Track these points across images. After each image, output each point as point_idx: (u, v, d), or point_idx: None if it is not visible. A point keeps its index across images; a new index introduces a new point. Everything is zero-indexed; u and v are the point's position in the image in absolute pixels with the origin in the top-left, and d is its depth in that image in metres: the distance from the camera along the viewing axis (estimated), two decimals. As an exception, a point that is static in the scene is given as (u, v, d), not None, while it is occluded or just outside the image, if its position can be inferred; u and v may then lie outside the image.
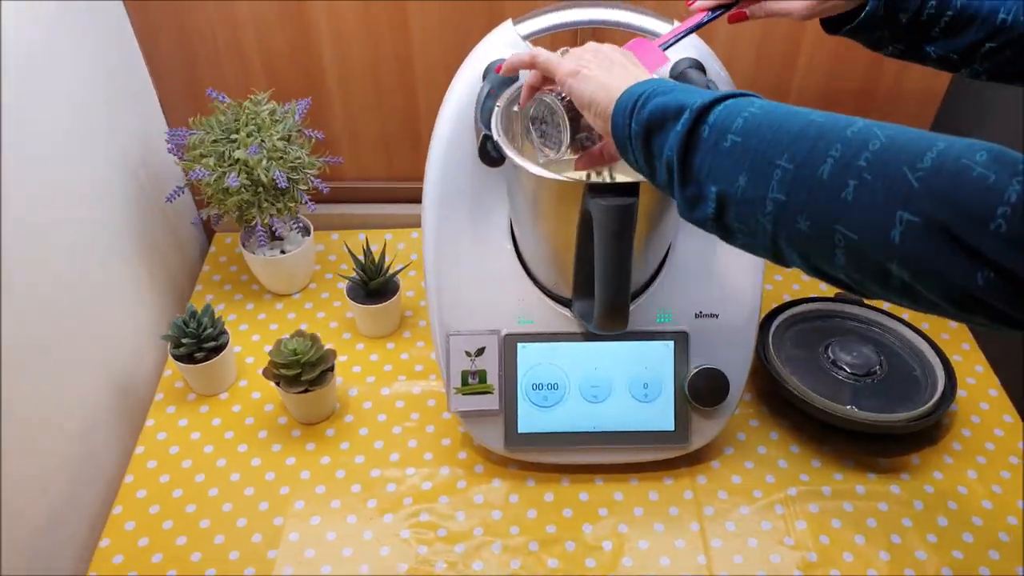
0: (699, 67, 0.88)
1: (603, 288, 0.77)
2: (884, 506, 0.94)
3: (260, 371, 1.03)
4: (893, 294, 0.48)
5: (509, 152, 0.78)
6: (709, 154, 0.55)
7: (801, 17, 0.73)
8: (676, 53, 0.89)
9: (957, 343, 1.12)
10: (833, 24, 0.75)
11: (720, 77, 0.89)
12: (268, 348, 1.10)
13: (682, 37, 0.76)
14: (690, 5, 0.77)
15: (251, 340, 1.13)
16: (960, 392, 1.03)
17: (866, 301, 1.13)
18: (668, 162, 0.58)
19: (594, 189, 0.75)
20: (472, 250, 0.93)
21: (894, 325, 1.07)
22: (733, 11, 0.76)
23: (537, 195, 0.82)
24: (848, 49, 1.12)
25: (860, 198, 0.46)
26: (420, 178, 0.92)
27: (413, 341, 1.12)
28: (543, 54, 0.72)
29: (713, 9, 0.76)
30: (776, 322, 1.07)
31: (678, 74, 0.87)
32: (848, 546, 0.90)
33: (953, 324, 1.14)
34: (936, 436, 1.00)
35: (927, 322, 1.14)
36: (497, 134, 0.80)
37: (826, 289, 1.18)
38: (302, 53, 1.12)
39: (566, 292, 0.92)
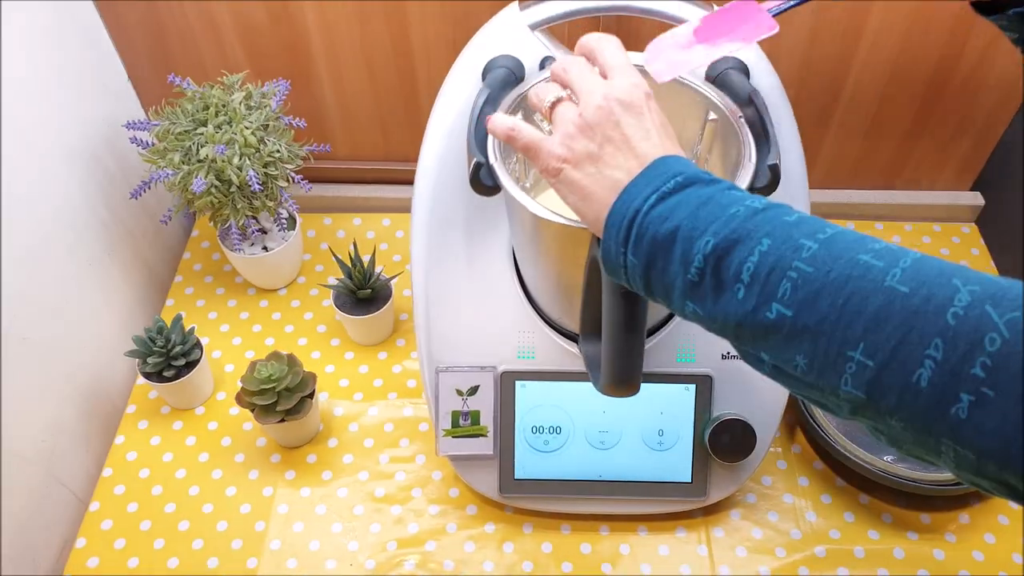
0: (743, 69, 0.74)
1: (611, 354, 0.65)
2: (925, 574, 0.83)
3: (239, 387, 0.94)
4: (1016, 500, 0.36)
5: (506, 183, 0.65)
6: (748, 321, 0.42)
7: None
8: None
9: (1021, 372, 0.98)
10: (988, 5, 0.57)
11: (767, 79, 0.75)
12: (250, 354, 1.02)
13: (801, 2, 0.60)
14: None
15: (232, 344, 1.03)
16: (1021, 435, 0.90)
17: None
18: (687, 314, 0.47)
19: (603, 238, 0.62)
20: (467, 274, 0.81)
21: (950, 353, 0.94)
22: None
23: (538, 233, 0.69)
24: (924, 27, 0.96)
25: (980, 419, 0.34)
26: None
27: (407, 350, 1.02)
28: (524, 135, 0.56)
29: None
30: (815, 347, 0.95)
31: (716, 75, 0.73)
32: (881, 620, 0.80)
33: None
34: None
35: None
36: (494, 156, 0.67)
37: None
38: (284, 27, 0.98)
39: (573, 327, 0.80)
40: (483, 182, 0.67)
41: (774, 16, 0.60)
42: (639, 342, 0.66)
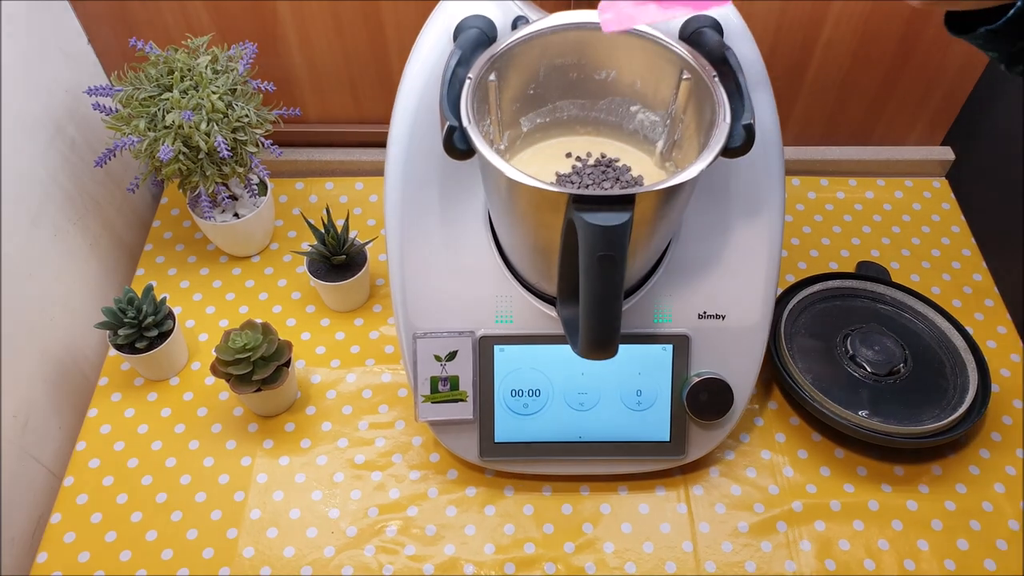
0: (716, 27, 0.73)
1: (588, 318, 0.65)
2: (899, 525, 0.85)
3: (213, 356, 0.92)
4: None
5: (481, 147, 0.64)
6: None
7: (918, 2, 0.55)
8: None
9: (992, 325, 1.00)
10: (960, 24, 0.56)
11: (741, 37, 0.74)
12: (224, 322, 1.00)
13: None
14: None
15: (205, 312, 1.01)
16: (992, 386, 0.91)
17: (892, 279, 1.00)
18: None
19: (579, 201, 0.62)
20: (443, 239, 0.80)
21: (922, 308, 0.95)
22: None
23: (514, 197, 0.68)
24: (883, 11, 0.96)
25: None
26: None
27: (384, 315, 1.01)
28: None
29: None
30: (791, 304, 0.95)
31: (690, 34, 0.72)
32: (857, 571, 0.82)
33: (989, 303, 1.02)
34: (962, 441, 0.90)
35: (959, 299, 1.02)
36: (467, 119, 0.65)
37: (848, 256, 1.06)
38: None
39: (551, 290, 0.80)
40: (457, 146, 0.65)
41: None
42: (616, 306, 0.66)
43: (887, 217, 1.11)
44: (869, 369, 0.89)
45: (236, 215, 1.01)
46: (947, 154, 1.15)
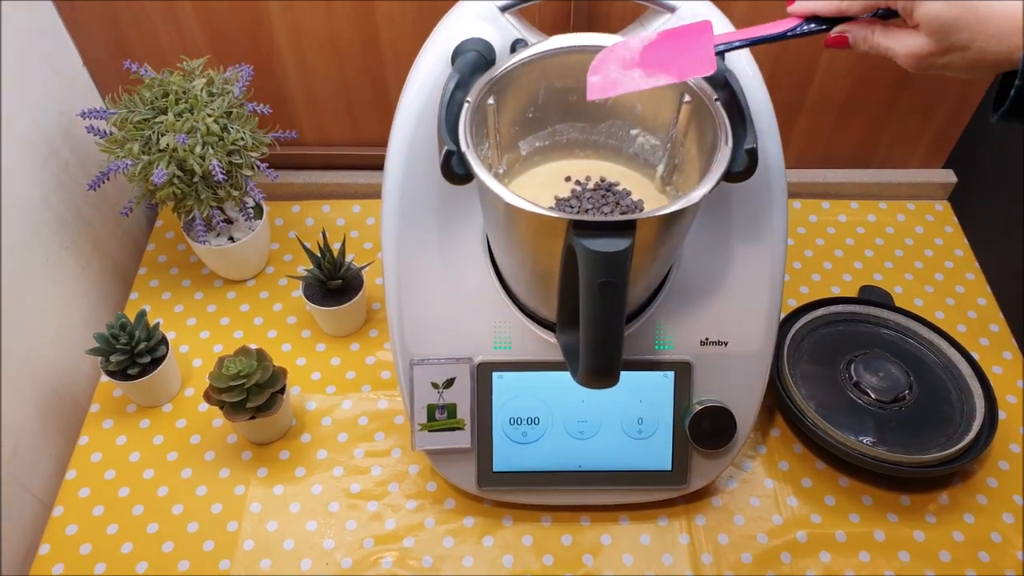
0: (717, 50, 0.72)
1: (589, 346, 0.64)
2: (906, 556, 0.83)
3: (207, 382, 0.91)
4: None
5: (479, 171, 0.63)
6: None
7: (906, 64, 0.55)
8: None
9: (997, 350, 0.98)
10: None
11: (742, 59, 0.73)
12: (218, 348, 0.99)
13: (751, 44, 0.58)
14: (790, 6, 0.59)
15: (199, 337, 1.00)
16: (999, 414, 0.90)
17: (895, 304, 0.99)
18: None
19: (579, 227, 0.60)
20: (441, 264, 0.79)
21: (927, 333, 0.94)
22: (833, 34, 0.58)
23: (513, 223, 0.67)
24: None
25: None
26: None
27: (380, 340, 1.00)
28: None
29: (808, 20, 0.58)
30: (793, 329, 0.94)
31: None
32: (863, 604, 0.80)
33: (994, 327, 1.01)
34: (969, 470, 0.89)
35: (964, 324, 1.01)
36: (466, 144, 0.64)
37: (850, 280, 1.04)
38: (245, 9, 0.94)
39: (550, 316, 0.78)
40: (455, 171, 0.64)
41: (718, 53, 0.59)
42: (618, 333, 0.64)
43: (889, 240, 1.10)
44: (873, 396, 0.88)
45: (231, 239, 0.99)
46: (949, 176, 1.14)
